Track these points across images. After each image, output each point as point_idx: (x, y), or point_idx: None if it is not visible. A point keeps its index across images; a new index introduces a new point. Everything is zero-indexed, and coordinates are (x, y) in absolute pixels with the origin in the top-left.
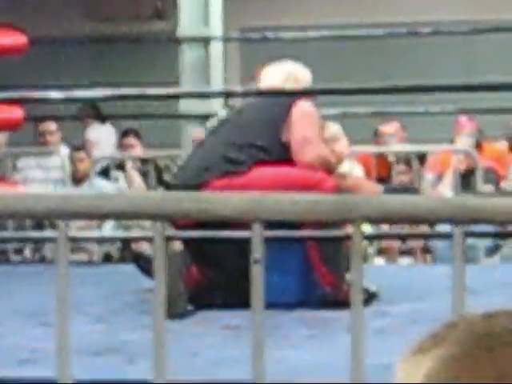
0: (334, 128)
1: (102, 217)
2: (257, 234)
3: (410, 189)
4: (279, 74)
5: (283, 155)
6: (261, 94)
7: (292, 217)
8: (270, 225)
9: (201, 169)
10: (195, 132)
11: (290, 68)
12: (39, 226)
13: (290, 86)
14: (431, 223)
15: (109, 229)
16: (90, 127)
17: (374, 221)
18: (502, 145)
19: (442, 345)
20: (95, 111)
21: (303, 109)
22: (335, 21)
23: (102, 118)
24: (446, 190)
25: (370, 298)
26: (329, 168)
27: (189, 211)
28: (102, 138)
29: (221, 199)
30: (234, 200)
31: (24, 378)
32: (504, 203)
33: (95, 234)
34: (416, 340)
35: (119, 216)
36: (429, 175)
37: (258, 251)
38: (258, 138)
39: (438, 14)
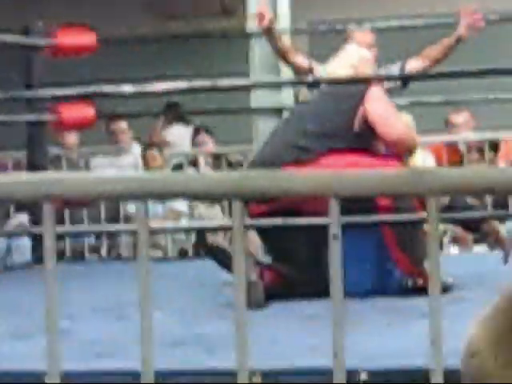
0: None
1: (179, 196)
2: (334, 210)
3: None
4: (347, 61)
5: (356, 144)
6: (330, 82)
7: (369, 192)
8: (347, 211)
9: (272, 158)
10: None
11: (357, 53)
12: (115, 220)
13: (361, 70)
14: (505, 195)
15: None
16: (170, 127)
17: (449, 193)
18: None
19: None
20: (178, 111)
21: (376, 94)
22: (404, 11)
23: (185, 119)
24: None
25: (445, 289)
26: (411, 147)
27: (266, 189)
28: (181, 138)
29: (297, 177)
30: (311, 177)
31: (104, 370)
32: None
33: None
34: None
35: (196, 196)
36: (501, 163)
37: (335, 227)
38: (331, 127)
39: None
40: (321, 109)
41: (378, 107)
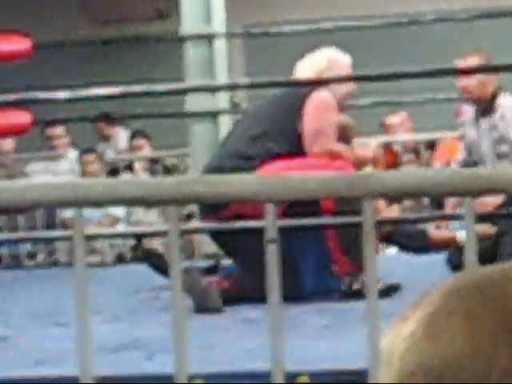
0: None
1: (116, 202)
2: (270, 214)
3: None
4: (316, 64)
5: (298, 145)
6: (267, 86)
7: (304, 195)
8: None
9: (218, 166)
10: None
11: (327, 56)
12: (51, 226)
13: (328, 74)
14: (442, 196)
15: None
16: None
17: (385, 196)
18: None
19: (418, 309)
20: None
21: (318, 99)
22: (337, 13)
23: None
24: None
25: (390, 290)
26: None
27: (202, 194)
28: (120, 142)
29: (234, 181)
30: (247, 182)
31: (43, 377)
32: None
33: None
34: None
35: (133, 202)
36: (437, 163)
37: (271, 231)
38: (273, 129)
39: (437, 4)
40: (265, 110)
41: (312, 118)
